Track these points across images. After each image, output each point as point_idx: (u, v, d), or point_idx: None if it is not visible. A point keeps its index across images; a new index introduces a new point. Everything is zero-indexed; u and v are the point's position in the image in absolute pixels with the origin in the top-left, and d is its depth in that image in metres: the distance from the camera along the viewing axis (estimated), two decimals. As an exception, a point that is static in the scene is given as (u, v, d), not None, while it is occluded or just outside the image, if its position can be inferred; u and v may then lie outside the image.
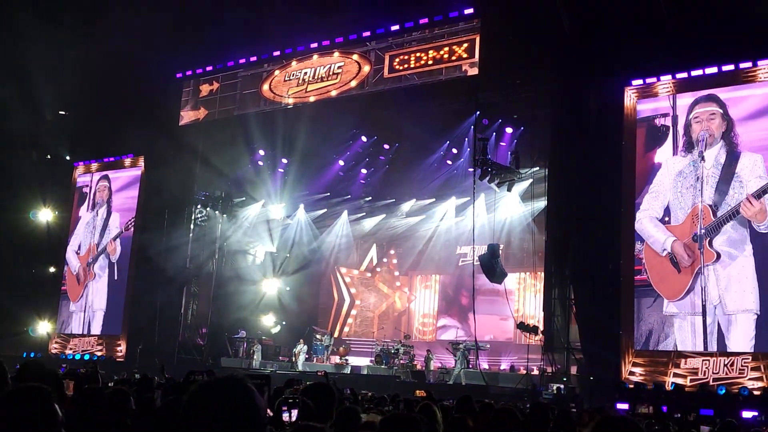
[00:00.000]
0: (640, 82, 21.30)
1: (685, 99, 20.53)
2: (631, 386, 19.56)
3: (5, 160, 30.57)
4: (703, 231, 19.35)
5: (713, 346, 18.83)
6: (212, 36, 27.23)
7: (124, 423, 5.58)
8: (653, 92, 21.16)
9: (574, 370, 21.74)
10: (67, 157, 34.23)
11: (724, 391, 18.21)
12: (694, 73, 20.47)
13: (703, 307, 19.05)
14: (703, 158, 19.76)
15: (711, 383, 18.56)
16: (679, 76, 20.70)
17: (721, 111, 19.88)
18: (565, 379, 21.29)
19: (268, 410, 3.96)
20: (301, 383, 7.91)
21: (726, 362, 18.57)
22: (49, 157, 34.37)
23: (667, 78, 20.85)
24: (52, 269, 33.79)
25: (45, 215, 34.20)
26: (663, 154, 20.62)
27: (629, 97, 21.36)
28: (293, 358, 27.79)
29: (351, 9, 25.19)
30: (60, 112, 32.87)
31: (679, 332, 19.37)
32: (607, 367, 20.32)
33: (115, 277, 30.72)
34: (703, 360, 18.93)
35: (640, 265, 20.32)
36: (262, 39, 27.20)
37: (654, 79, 21.07)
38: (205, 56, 28.56)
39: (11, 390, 3.45)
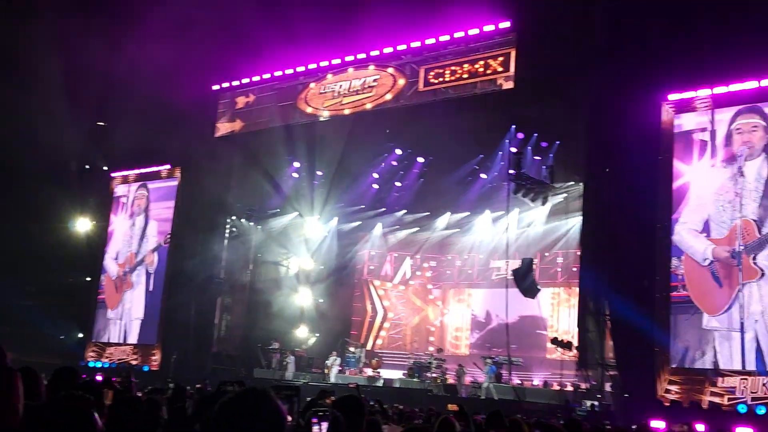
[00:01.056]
0: (677, 96, 21.09)
1: (724, 113, 20.28)
2: (667, 404, 19.30)
3: (44, 169, 30.99)
4: (742, 247, 19.08)
5: (752, 365, 18.53)
6: (248, 49, 27.44)
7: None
8: (691, 106, 20.94)
9: (608, 386, 21.50)
10: (105, 168, 34.66)
11: (765, 411, 17.89)
12: (732, 87, 20.23)
13: (742, 323, 18.76)
14: (742, 173, 19.50)
15: (749, 402, 18.25)
16: (717, 90, 20.45)
17: (764, 123, 19.60)
18: (599, 395, 21.08)
19: (300, 421, 3.97)
20: (335, 394, 7.91)
21: (765, 381, 18.25)
22: (87, 167, 34.82)
23: (705, 92, 20.63)
24: (88, 278, 34.17)
25: (83, 225, 34.67)
26: (702, 168, 20.38)
27: (666, 111, 21.16)
28: (326, 370, 27.79)
29: (386, 22, 25.26)
30: (98, 123, 33.29)
31: (719, 348, 19.06)
32: (642, 385, 20.08)
33: (151, 288, 30.99)
34: (741, 379, 18.63)
35: (676, 282, 20.07)
36: (297, 52, 27.37)
37: (692, 93, 20.86)
38: (241, 69, 28.80)
39: (52, 399, 3.48)
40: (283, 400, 2.74)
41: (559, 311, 31.20)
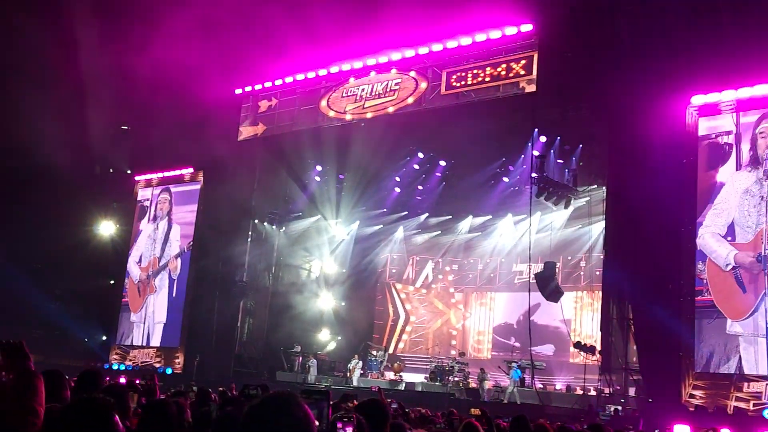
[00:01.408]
0: (701, 99, 20.91)
1: (749, 116, 20.09)
2: (692, 409, 19.14)
3: (68, 173, 31.23)
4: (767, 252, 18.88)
5: (777, 370, 18.35)
6: (271, 53, 27.52)
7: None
8: (715, 109, 20.75)
9: (632, 391, 21.36)
10: (128, 171, 34.91)
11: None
12: (758, 89, 20.03)
13: (767, 329, 18.57)
14: None
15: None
16: (742, 93, 20.27)
17: (788, 127, 19.44)
18: (623, 400, 20.95)
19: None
20: (357, 398, 7.90)
21: (791, 386, 18.07)
22: (111, 170, 35.09)
23: (729, 95, 20.44)
24: (112, 281, 34.39)
25: (107, 228, 34.97)
26: (726, 172, 20.19)
27: (690, 114, 20.99)
28: (348, 374, 27.82)
29: (408, 26, 25.26)
30: (122, 127, 33.51)
31: (744, 354, 18.88)
32: (666, 389, 19.93)
33: (174, 294, 31.11)
34: (767, 384, 18.43)
35: (701, 286, 19.89)
36: (320, 56, 27.44)
37: (716, 96, 20.68)
38: (264, 73, 28.90)
39: (72, 402, 3.51)
40: (311, 405, 2.73)
41: (582, 315, 31.08)
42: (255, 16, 26.95)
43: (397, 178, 31.01)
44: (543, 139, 25.37)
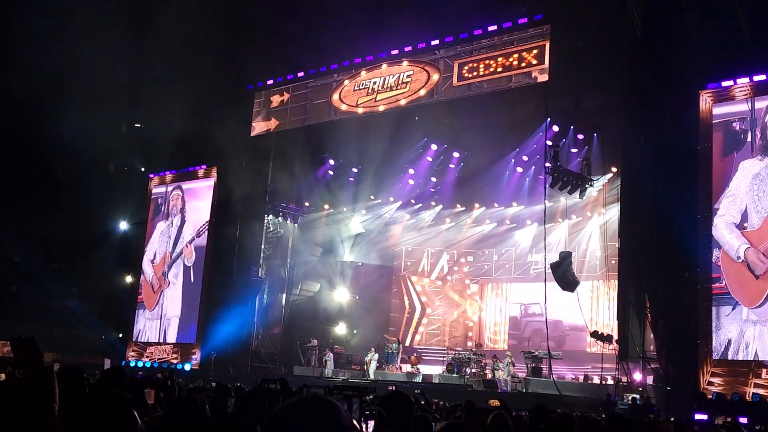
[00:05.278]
0: (715, 85, 20.77)
1: (764, 102, 19.94)
2: (710, 396, 19.05)
3: (83, 172, 31.35)
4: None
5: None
6: (283, 47, 27.53)
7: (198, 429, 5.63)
8: (730, 96, 20.60)
9: (650, 380, 21.29)
10: (143, 169, 35.02)
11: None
12: (773, 76, 19.88)
13: (784, 314, 18.47)
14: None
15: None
16: (756, 78, 20.11)
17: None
18: (640, 389, 20.88)
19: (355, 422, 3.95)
20: (376, 391, 7.89)
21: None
22: (126, 168, 35.23)
23: (744, 81, 20.27)
24: (128, 279, 34.54)
25: (122, 226, 35.14)
26: (741, 158, 20.06)
27: (704, 101, 20.84)
28: (365, 367, 27.86)
29: (419, 18, 25.20)
30: (135, 125, 33.61)
31: (759, 341, 18.79)
32: (684, 377, 19.86)
33: (192, 280, 31.10)
34: (785, 370, 18.34)
35: (718, 273, 19.78)
36: (332, 49, 27.43)
37: (730, 83, 20.50)
38: (275, 67, 28.90)
39: (92, 397, 3.52)
40: (342, 400, 2.57)
41: (598, 304, 30.96)
42: (266, 11, 26.98)
43: (411, 171, 31.00)
44: (556, 128, 25.29)
